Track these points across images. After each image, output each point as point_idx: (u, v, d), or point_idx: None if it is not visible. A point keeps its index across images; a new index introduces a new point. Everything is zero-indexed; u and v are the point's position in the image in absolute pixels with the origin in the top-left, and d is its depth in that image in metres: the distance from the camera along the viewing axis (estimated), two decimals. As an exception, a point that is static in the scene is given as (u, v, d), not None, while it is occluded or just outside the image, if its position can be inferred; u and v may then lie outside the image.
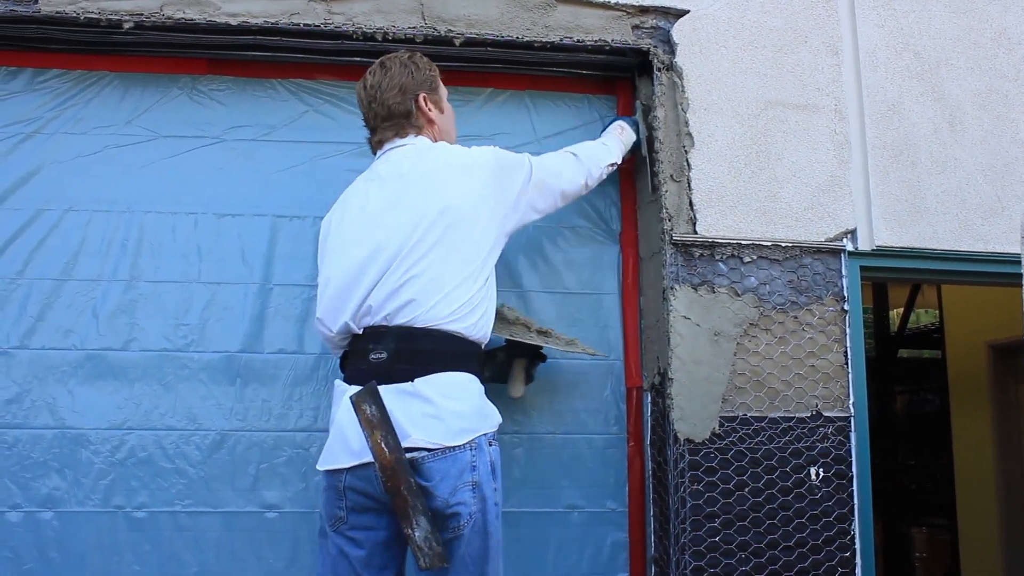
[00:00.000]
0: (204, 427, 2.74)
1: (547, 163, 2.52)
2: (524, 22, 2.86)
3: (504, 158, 2.40)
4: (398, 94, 2.38)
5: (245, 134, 2.92)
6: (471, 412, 2.16)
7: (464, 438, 2.11)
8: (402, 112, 2.38)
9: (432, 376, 2.14)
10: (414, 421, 2.09)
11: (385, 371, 2.15)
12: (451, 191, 2.25)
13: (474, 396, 2.20)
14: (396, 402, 2.10)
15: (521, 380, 2.73)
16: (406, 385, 2.13)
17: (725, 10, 2.96)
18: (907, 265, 2.98)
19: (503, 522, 2.22)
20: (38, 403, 2.69)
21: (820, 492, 2.73)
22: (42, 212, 2.79)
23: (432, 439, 2.09)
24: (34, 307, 2.74)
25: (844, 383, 2.81)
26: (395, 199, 2.27)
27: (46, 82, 2.86)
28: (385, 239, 2.22)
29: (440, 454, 2.08)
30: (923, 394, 7.83)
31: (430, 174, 2.29)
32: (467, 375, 2.20)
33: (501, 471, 2.22)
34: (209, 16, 2.74)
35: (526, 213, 2.45)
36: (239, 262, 2.84)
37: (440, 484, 2.07)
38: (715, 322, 2.76)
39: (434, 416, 2.11)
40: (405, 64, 2.42)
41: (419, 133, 2.41)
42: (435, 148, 2.38)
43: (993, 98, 3.09)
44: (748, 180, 2.86)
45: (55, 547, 2.63)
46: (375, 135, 2.44)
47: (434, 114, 2.43)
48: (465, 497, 2.08)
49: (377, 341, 2.19)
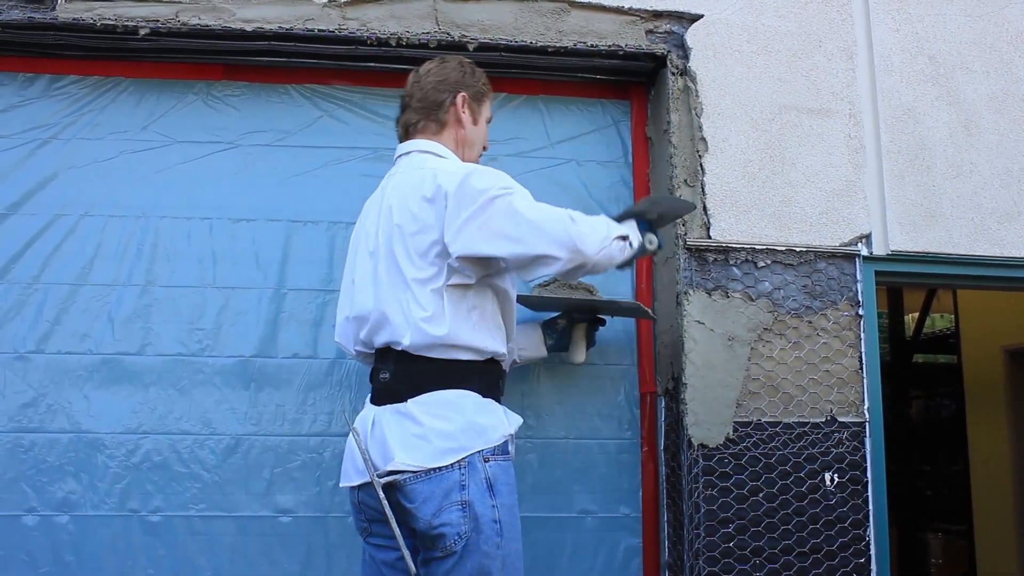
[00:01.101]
0: (218, 431, 2.75)
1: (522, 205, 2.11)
2: (538, 27, 2.87)
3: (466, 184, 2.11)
4: (441, 83, 2.33)
5: (260, 139, 2.93)
6: (459, 431, 2.08)
7: (450, 458, 2.05)
8: (436, 100, 2.32)
9: (424, 396, 2.11)
10: (402, 442, 2.08)
11: (388, 391, 2.16)
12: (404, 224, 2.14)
13: (465, 413, 2.11)
14: (392, 423, 2.11)
15: (583, 345, 2.74)
16: (401, 406, 2.11)
17: (739, 15, 2.96)
18: (922, 270, 2.97)
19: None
20: (54, 407, 2.71)
21: (835, 498, 2.72)
22: (59, 217, 2.81)
23: (415, 461, 2.05)
24: (50, 311, 2.75)
25: (859, 388, 2.80)
26: (373, 230, 2.25)
27: (63, 88, 2.88)
28: (366, 274, 2.21)
29: (424, 476, 2.05)
30: (938, 399, 7.80)
31: (397, 208, 2.18)
32: (461, 391, 2.13)
33: (511, 486, 2.13)
34: (224, 22, 2.75)
35: (473, 244, 2.08)
36: (253, 267, 2.85)
37: (423, 506, 2.03)
38: (729, 327, 2.75)
39: (420, 436, 2.07)
40: (462, 65, 2.39)
41: (441, 130, 2.33)
42: (422, 167, 2.22)
43: (1009, 102, 3.07)
44: (762, 185, 2.85)
45: (70, 550, 2.65)
46: (402, 115, 2.38)
47: (466, 119, 2.34)
48: (451, 518, 2.02)
49: (384, 361, 2.20)
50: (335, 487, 2.73)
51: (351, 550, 2.67)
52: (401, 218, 2.16)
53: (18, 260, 2.77)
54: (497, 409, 2.20)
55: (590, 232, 2.12)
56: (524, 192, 2.15)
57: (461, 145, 2.36)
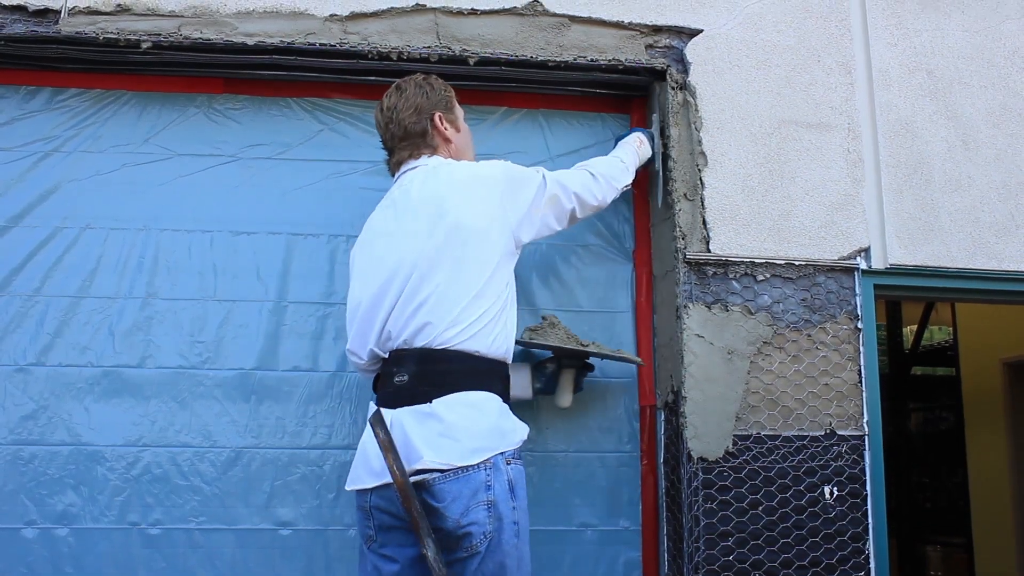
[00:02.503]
0: (219, 444, 2.75)
1: (561, 179, 2.47)
2: (538, 41, 2.88)
3: (514, 172, 2.39)
4: (414, 114, 2.40)
5: (261, 152, 2.94)
6: (486, 431, 2.14)
7: (478, 457, 2.10)
8: (418, 132, 2.40)
9: (449, 396, 2.14)
10: (429, 442, 2.10)
11: (407, 393, 2.17)
12: (459, 208, 2.25)
13: (491, 414, 2.18)
14: (415, 424, 2.12)
15: (569, 390, 2.74)
16: (424, 406, 2.14)
17: (738, 29, 2.97)
18: (921, 283, 2.97)
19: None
20: (54, 419, 2.71)
21: (834, 511, 2.72)
22: (60, 230, 2.81)
23: (444, 459, 2.08)
24: (51, 324, 2.76)
25: (858, 401, 2.80)
26: (406, 223, 2.29)
27: (65, 101, 2.89)
28: (397, 264, 2.24)
29: (452, 475, 2.08)
30: (937, 412, 7.81)
31: (438, 194, 2.29)
32: (485, 393, 2.19)
33: (525, 491, 2.20)
34: (226, 36, 2.77)
35: (539, 229, 2.43)
36: (254, 280, 2.86)
37: (451, 505, 2.06)
38: (729, 340, 2.76)
39: (447, 436, 2.10)
40: (420, 85, 2.45)
41: (434, 153, 2.42)
42: (445, 166, 2.37)
43: (1007, 116, 3.08)
44: (761, 198, 2.86)
45: (70, 563, 2.64)
46: (392, 156, 2.46)
47: (450, 133, 2.44)
48: (479, 517, 2.07)
49: (400, 364, 2.21)
50: (335, 500, 2.73)
51: (351, 563, 2.66)
52: (457, 218, 2.23)
53: (19, 272, 2.77)
54: (512, 414, 2.26)
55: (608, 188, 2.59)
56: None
57: (455, 155, 2.46)
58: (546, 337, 2.65)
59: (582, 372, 2.78)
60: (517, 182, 2.38)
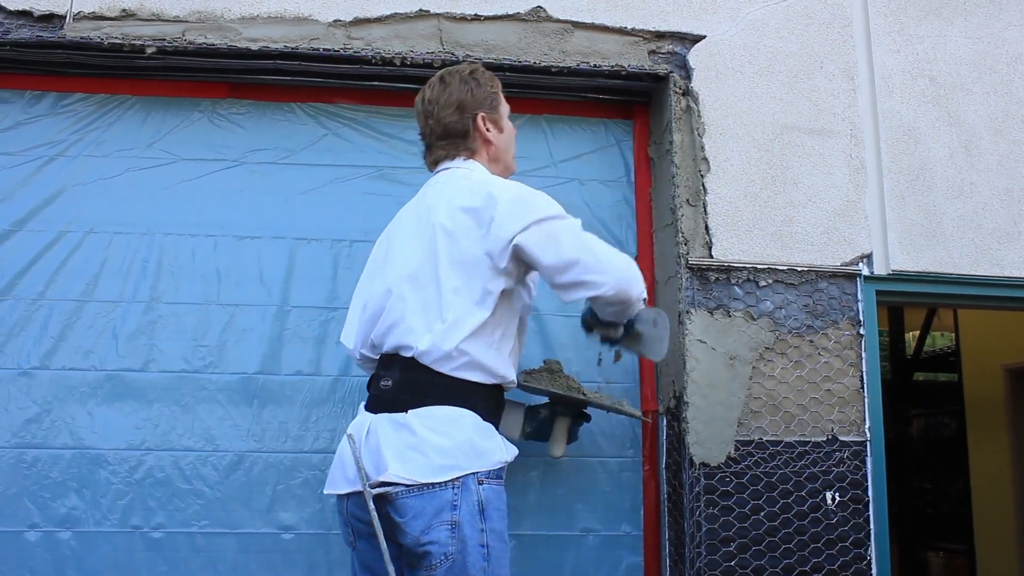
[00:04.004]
0: (221, 448, 2.76)
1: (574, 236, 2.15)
2: (541, 47, 2.89)
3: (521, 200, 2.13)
4: (455, 112, 2.27)
5: (265, 157, 2.95)
6: (457, 448, 2.04)
7: (445, 475, 2.01)
8: (458, 131, 2.28)
9: (425, 408, 2.07)
10: (398, 453, 2.03)
11: (389, 399, 2.12)
12: (452, 229, 2.12)
13: (465, 432, 2.07)
14: (389, 432, 2.07)
15: (563, 439, 2.61)
16: (400, 416, 2.07)
17: (741, 36, 2.98)
18: (923, 290, 2.98)
19: (521, 548, 2.17)
20: (58, 423, 2.72)
21: (836, 517, 2.72)
22: (64, 234, 2.82)
23: (409, 474, 2.00)
24: (55, 328, 2.77)
25: (860, 407, 2.80)
26: (410, 232, 2.23)
27: (70, 106, 2.90)
28: (394, 274, 2.18)
29: (416, 490, 2.00)
30: (939, 418, 7.79)
31: (442, 209, 2.15)
32: (462, 410, 2.09)
33: (502, 512, 2.09)
34: (230, 41, 2.78)
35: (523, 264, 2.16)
36: (257, 284, 2.86)
37: (412, 521, 2.00)
38: (731, 346, 2.76)
39: (416, 449, 2.03)
40: (465, 80, 2.30)
41: (472, 155, 2.29)
42: (464, 181, 2.21)
43: (1009, 123, 3.09)
44: (764, 204, 2.87)
45: (73, 567, 2.65)
46: (430, 153, 2.33)
47: (492, 134, 2.31)
48: (439, 536, 1.98)
49: (387, 368, 2.16)
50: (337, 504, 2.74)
51: (353, 567, 2.67)
52: (446, 220, 2.13)
53: (23, 276, 2.78)
54: (496, 435, 2.16)
55: (638, 278, 2.17)
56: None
57: (494, 160, 2.34)
58: (541, 382, 2.54)
59: (578, 422, 2.66)
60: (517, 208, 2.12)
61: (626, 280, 2.13)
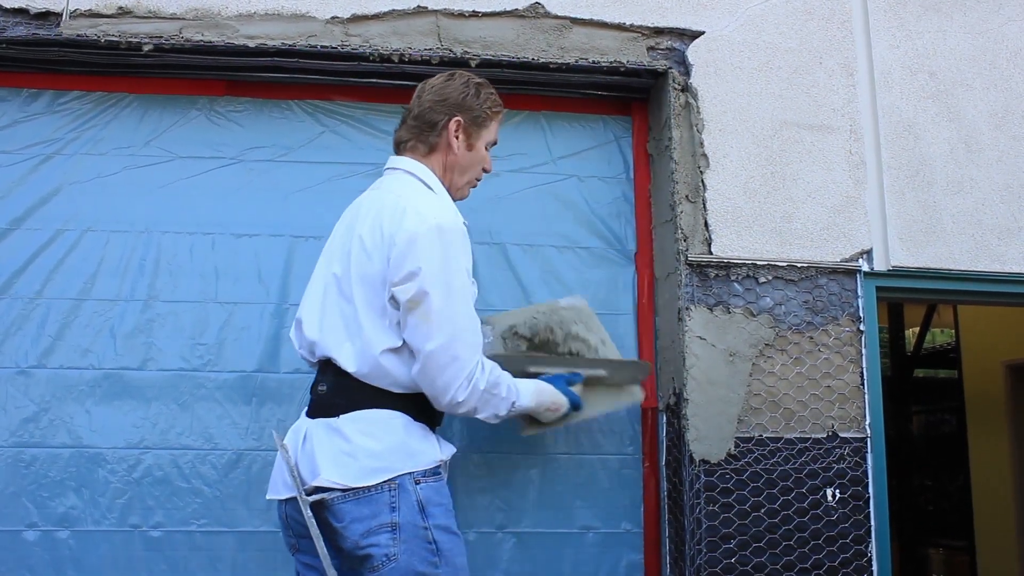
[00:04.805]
0: (220, 446, 2.75)
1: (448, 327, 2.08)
2: (540, 43, 2.88)
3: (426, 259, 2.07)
4: (439, 103, 2.27)
5: (262, 155, 2.94)
6: (388, 451, 2.06)
7: (379, 478, 2.02)
8: (428, 120, 2.27)
9: (356, 412, 2.08)
10: (330, 458, 2.04)
11: (324, 404, 2.13)
12: (368, 246, 2.12)
13: (396, 434, 2.09)
14: (323, 437, 2.08)
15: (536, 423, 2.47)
16: (332, 420, 2.08)
17: (740, 31, 2.97)
18: (923, 286, 2.97)
19: (520, 545, 2.16)
20: (56, 422, 2.71)
21: (836, 513, 2.72)
22: (61, 232, 2.81)
23: (342, 479, 2.01)
24: (52, 326, 2.76)
25: (860, 404, 2.80)
26: (341, 238, 2.24)
27: (66, 104, 2.89)
28: (331, 278, 2.19)
29: (352, 495, 2.01)
30: (939, 414, 7.80)
31: (367, 223, 2.16)
32: (391, 412, 2.11)
33: (446, 507, 2.10)
34: (227, 38, 2.77)
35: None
36: (256, 282, 2.85)
37: (351, 526, 2.00)
38: (730, 342, 2.75)
39: (348, 454, 2.04)
40: (468, 86, 2.30)
41: (430, 152, 2.28)
42: (390, 196, 2.18)
43: (1009, 118, 3.08)
44: (763, 200, 2.86)
45: (72, 566, 2.64)
46: (400, 128, 2.33)
47: (457, 143, 2.27)
48: (379, 539, 1.99)
49: (323, 373, 2.18)
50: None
51: (352, 566, 2.66)
52: (369, 242, 2.13)
53: (20, 275, 2.77)
54: (429, 434, 2.17)
55: (484, 403, 2.15)
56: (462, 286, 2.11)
57: (449, 170, 2.30)
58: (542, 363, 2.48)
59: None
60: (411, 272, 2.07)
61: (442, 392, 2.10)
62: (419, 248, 2.06)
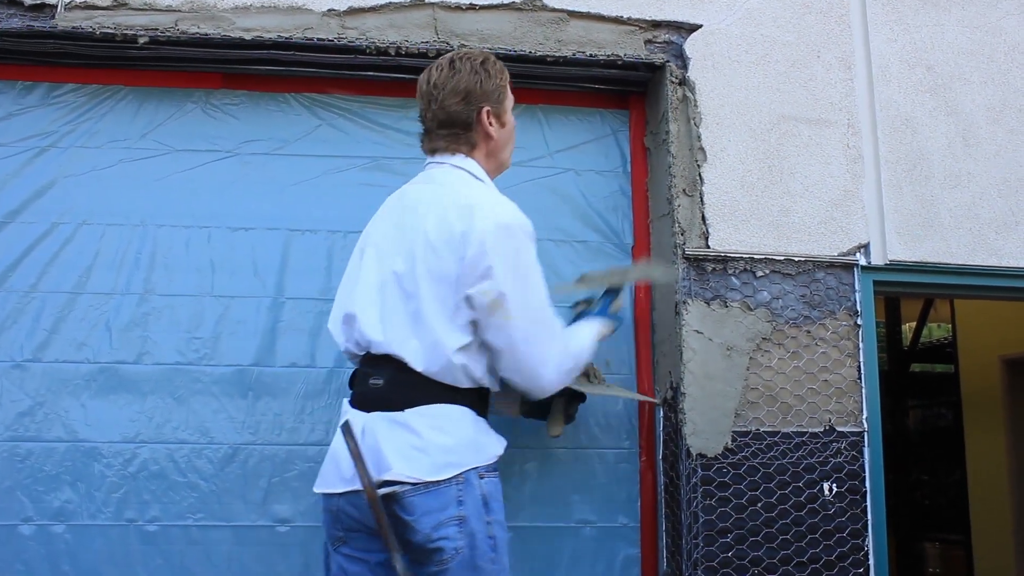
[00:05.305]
0: (216, 440, 2.75)
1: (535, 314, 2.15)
2: (537, 36, 2.87)
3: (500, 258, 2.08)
4: (461, 102, 2.19)
5: (259, 148, 2.93)
6: (460, 445, 2.07)
7: (449, 472, 2.03)
8: (461, 122, 2.21)
9: (423, 407, 2.07)
10: (400, 452, 2.03)
11: (382, 398, 2.10)
12: (435, 242, 2.10)
13: (466, 429, 2.11)
14: (386, 431, 2.06)
15: (560, 419, 2.63)
16: (397, 414, 2.07)
17: (738, 25, 2.96)
18: (920, 280, 2.97)
19: (517, 540, 2.17)
20: (51, 416, 2.70)
21: (833, 507, 2.72)
22: (56, 225, 2.80)
23: (414, 473, 2.01)
24: (48, 320, 2.75)
25: (857, 398, 2.80)
26: (394, 231, 2.21)
27: (61, 96, 2.88)
28: (391, 275, 2.15)
29: (423, 488, 2.01)
30: (936, 409, 7.79)
31: (431, 218, 2.13)
32: (460, 407, 2.11)
33: (501, 503, 2.13)
34: (223, 31, 2.76)
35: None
36: (252, 276, 2.85)
37: (422, 519, 2.01)
38: (728, 337, 2.75)
39: (419, 449, 2.04)
40: (476, 70, 2.21)
41: (471, 151, 2.24)
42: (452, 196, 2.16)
43: (1007, 112, 3.08)
44: (761, 194, 2.85)
45: (67, 560, 2.64)
46: (429, 139, 2.27)
47: (493, 129, 2.23)
48: (449, 532, 2.00)
49: (376, 367, 2.14)
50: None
51: (349, 560, 2.66)
52: (437, 239, 2.10)
53: (16, 268, 2.76)
54: (490, 429, 2.19)
55: (568, 378, 2.29)
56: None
57: (493, 155, 2.29)
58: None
59: (573, 402, 2.67)
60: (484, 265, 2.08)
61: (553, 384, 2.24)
62: (493, 247, 2.08)
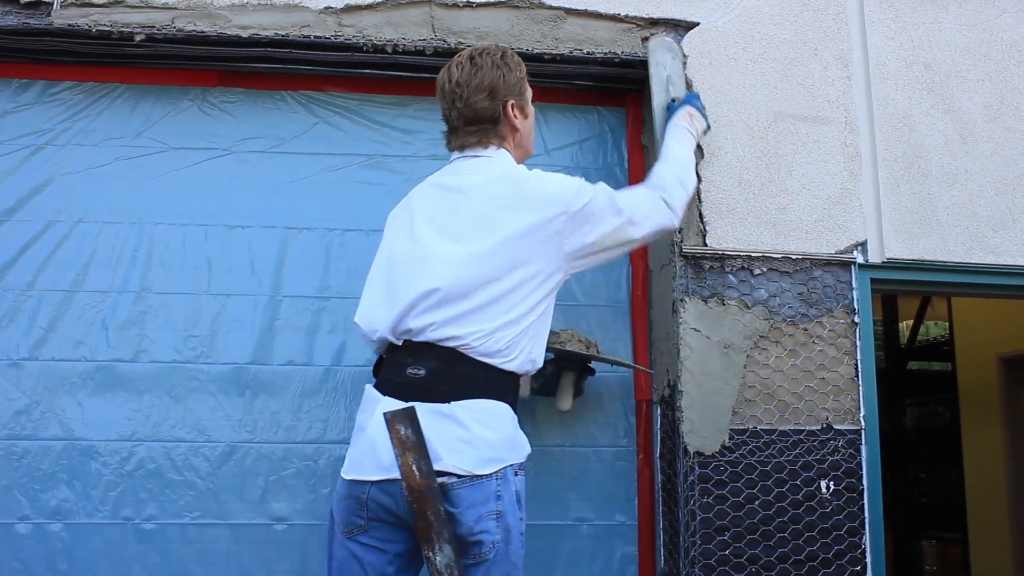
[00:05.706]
0: (213, 439, 2.74)
1: (640, 214, 2.27)
2: (534, 34, 2.87)
3: (587, 205, 2.17)
4: (487, 97, 2.20)
5: (255, 146, 2.93)
6: (502, 441, 2.08)
7: (492, 467, 2.04)
8: (489, 117, 2.21)
9: (469, 401, 2.07)
10: (447, 445, 2.03)
11: (424, 389, 2.08)
12: (512, 228, 2.11)
13: (507, 425, 2.12)
14: (432, 423, 2.04)
15: (569, 393, 2.72)
16: (443, 406, 2.05)
17: (735, 23, 2.96)
18: (918, 277, 2.97)
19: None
20: (48, 414, 2.70)
21: (831, 505, 2.72)
22: (53, 224, 2.80)
23: (463, 466, 2.02)
24: (44, 318, 2.74)
25: (854, 396, 2.80)
26: (455, 220, 2.17)
27: (58, 94, 2.88)
28: (440, 264, 2.12)
29: (468, 481, 2.02)
30: (933, 407, 7.80)
31: (496, 204, 2.14)
32: (502, 404, 2.11)
33: (526, 500, 2.15)
34: (220, 28, 2.75)
35: (596, 259, 2.26)
36: (249, 274, 2.84)
37: (466, 511, 2.02)
38: (725, 334, 2.75)
39: (467, 442, 2.04)
40: (497, 64, 2.22)
41: (501, 143, 2.25)
42: (510, 174, 2.20)
43: (1004, 110, 3.08)
44: (758, 192, 2.85)
45: (64, 559, 2.63)
46: (456, 136, 2.26)
47: (519, 121, 2.26)
48: (489, 526, 2.02)
49: (417, 357, 2.11)
50: (330, 495, 2.71)
51: (346, 558, 2.66)
52: (508, 238, 2.10)
53: (12, 266, 2.76)
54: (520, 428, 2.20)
55: (679, 209, 2.39)
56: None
57: (519, 146, 2.31)
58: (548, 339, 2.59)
59: (582, 375, 2.76)
60: (584, 217, 2.17)
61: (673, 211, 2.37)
62: (575, 196, 2.16)
